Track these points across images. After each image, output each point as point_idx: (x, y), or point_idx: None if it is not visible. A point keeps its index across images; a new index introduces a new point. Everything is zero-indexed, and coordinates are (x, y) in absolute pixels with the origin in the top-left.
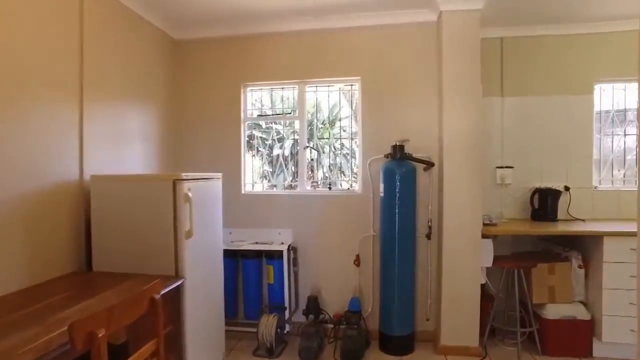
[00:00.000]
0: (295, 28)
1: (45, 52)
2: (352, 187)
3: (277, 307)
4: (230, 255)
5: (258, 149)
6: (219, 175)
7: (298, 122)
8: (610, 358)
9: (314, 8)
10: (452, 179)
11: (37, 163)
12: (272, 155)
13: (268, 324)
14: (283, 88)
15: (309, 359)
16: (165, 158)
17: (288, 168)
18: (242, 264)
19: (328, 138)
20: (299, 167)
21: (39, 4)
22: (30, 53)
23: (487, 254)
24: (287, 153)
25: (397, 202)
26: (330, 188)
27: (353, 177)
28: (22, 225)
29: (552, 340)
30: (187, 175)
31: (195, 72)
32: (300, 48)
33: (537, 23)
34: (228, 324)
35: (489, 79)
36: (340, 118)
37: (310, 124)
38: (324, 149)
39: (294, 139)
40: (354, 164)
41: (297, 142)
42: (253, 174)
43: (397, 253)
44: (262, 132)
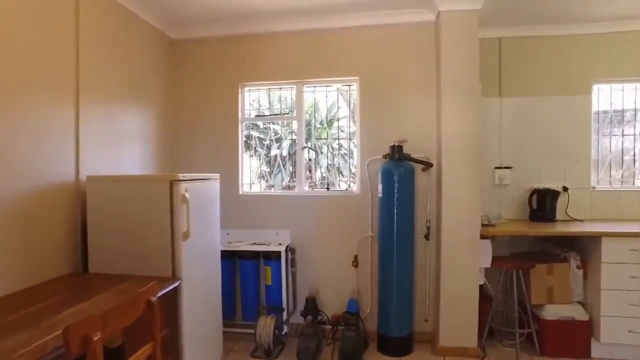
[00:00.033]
0: (293, 28)
1: (40, 51)
2: (350, 187)
3: (275, 308)
4: (228, 256)
5: (256, 149)
6: (217, 176)
7: (296, 122)
8: (609, 359)
9: (312, 8)
10: (450, 180)
11: (32, 163)
12: (269, 156)
13: (266, 325)
14: (281, 88)
15: None
16: (162, 158)
17: (286, 168)
18: (239, 265)
19: (326, 138)
20: (297, 167)
21: (34, 4)
22: (25, 53)
23: (485, 255)
24: (285, 153)
25: (395, 202)
26: (329, 189)
27: (351, 177)
28: (16, 227)
29: (550, 341)
30: (184, 176)
31: (193, 71)
32: (298, 48)
33: (535, 23)
34: (226, 325)
35: (487, 79)
36: (338, 118)
37: (308, 124)
38: (322, 150)
39: (292, 139)
40: (352, 165)
41: (294, 142)
42: (251, 175)
43: (395, 254)
44: (259, 132)
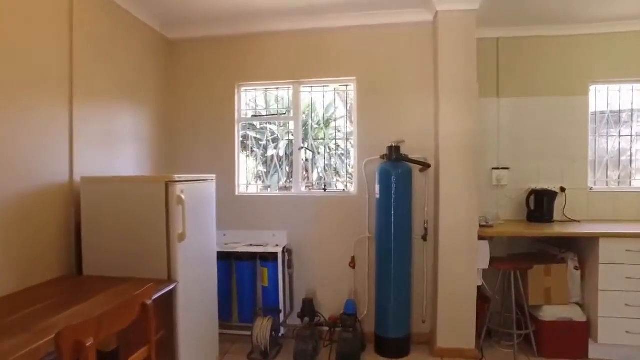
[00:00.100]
0: (290, 28)
1: (33, 50)
2: (347, 188)
3: (271, 309)
4: (224, 258)
5: (252, 150)
6: (213, 177)
7: (293, 122)
8: None
9: (309, 7)
10: (448, 181)
11: (24, 164)
12: (266, 156)
13: (263, 327)
14: (278, 88)
15: None
16: (158, 159)
17: (282, 169)
18: (236, 267)
19: (323, 139)
20: (294, 168)
21: (28, 2)
22: (18, 51)
23: (483, 256)
24: (281, 154)
25: (393, 203)
26: (326, 189)
27: (348, 177)
28: (8, 228)
29: (548, 342)
30: (180, 177)
31: (189, 71)
32: (295, 48)
33: (533, 24)
34: (222, 327)
35: (485, 80)
36: (335, 118)
37: (305, 125)
38: (319, 150)
39: (289, 140)
40: (349, 165)
41: (291, 142)
42: (247, 175)
43: (392, 255)
44: (256, 132)
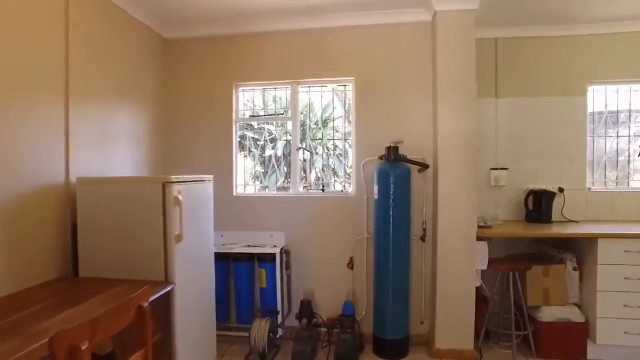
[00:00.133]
0: (288, 27)
1: (28, 50)
2: (345, 188)
3: (269, 311)
4: (222, 259)
5: (250, 150)
6: (210, 177)
7: (290, 122)
8: None
9: (307, 7)
10: (446, 181)
11: (19, 164)
12: (264, 156)
13: (260, 328)
14: (275, 88)
15: None
16: (155, 159)
17: (280, 169)
18: (233, 267)
19: (321, 139)
20: (292, 168)
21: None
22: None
23: (481, 257)
24: (279, 154)
25: (391, 204)
26: (324, 190)
27: (346, 177)
28: (3, 229)
29: (546, 343)
30: (177, 178)
31: (186, 71)
32: (293, 48)
33: (531, 24)
34: (219, 328)
35: (484, 80)
36: (333, 118)
37: (303, 125)
38: (317, 150)
39: (287, 140)
40: (347, 165)
41: (289, 142)
42: (245, 176)
43: (391, 255)
44: (254, 132)
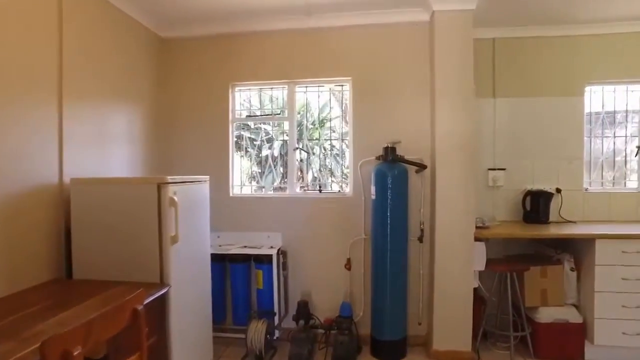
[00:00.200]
0: (286, 27)
1: (20, 48)
2: (342, 189)
3: (266, 312)
4: (218, 260)
5: (247, 150)
6: (206, 178)
7: (287, 122)
8: None
9: (304, 7)
10: (444, 181)
11: (12, 165)
12: (260, 156)
13: (257, 330)
14: (272, 88)
15: None
16: (151, 160)
17: (277, 169)
18: (230, 269)
19: (318, 139)
20: (289, 169)
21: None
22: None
23: (479, 257)
24: (276, 154)
25: (388, 204)
26: (321, 190)
27: (343, 178)
28: None
29: (544, 344)
30: (172, 178)
31: (183, 71)
32: (290, 47)
33: (529, 24)
34: (216, 330)
35: (481, 80)
36: (330, 118)
37: (300, 125)
38: (314, 150)
39: (283, 140)
40: (344, 166)
41: (286, 143)
42: (242, 176)
43: (388, 256)
44: (250, 132)
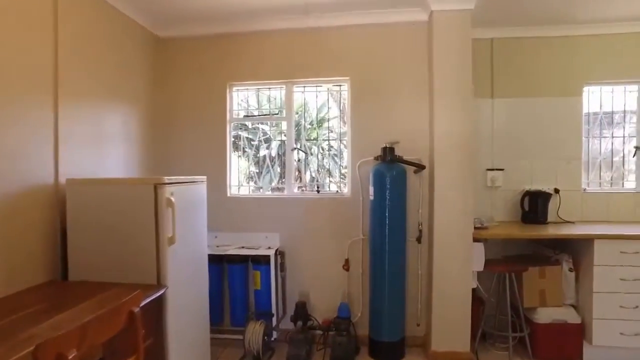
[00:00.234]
0: (283, 26)
1: (15, 48)
2: (340, 189)
3: (264, 313)
4: (216, 261)
5: (244, 150)
6: (204, 179)
7: (285, 122)
8: None
9: (302, 6)
10: (442, 182)
11: (6, 165)
12: (258, 156)
13: (255, 331)
14: (270, 88)
15: None
16: (148, 160)
17: (274, 169)
18: (227, 269)
19: (316, 139)
20: (287, 169)
21: None
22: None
23: (478, 258)
24: (274, 154)
25: (387, 205)
26: (319, 191)
27: (341, 178)
28: None
29: (543, 344)
30: (169, 179)
31: (180, 71)
32: (288, 47)
33: (527, 24)
34: (213, 331)
35: (480, 80)
36: (328, 119)
37: (298, 125)
38: (312, 151)
39: (281, 140)
40: (342, 166)
41: (284, 143)
42: (239, 176)
43: (387, 257)
44: (248, 132)
